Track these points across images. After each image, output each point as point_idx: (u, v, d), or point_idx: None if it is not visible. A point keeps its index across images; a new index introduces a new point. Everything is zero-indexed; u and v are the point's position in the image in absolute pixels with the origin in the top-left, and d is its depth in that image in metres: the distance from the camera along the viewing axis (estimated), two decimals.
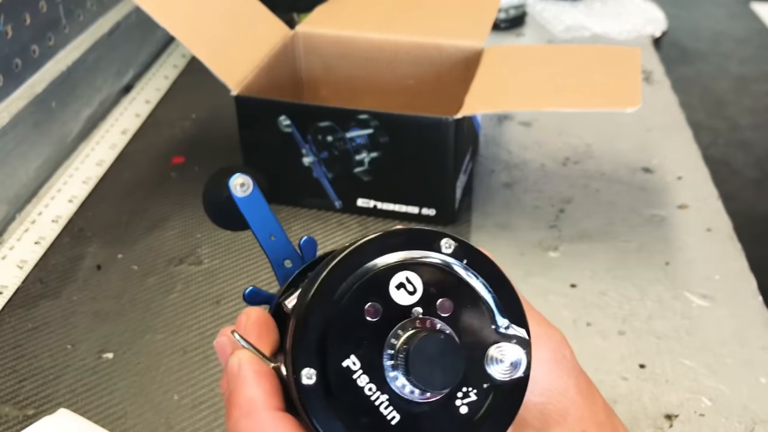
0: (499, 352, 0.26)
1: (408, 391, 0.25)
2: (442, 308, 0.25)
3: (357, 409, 0.25)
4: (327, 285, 0.25)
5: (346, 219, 0.68)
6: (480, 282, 0.26)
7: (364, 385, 0.25)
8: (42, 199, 0.71)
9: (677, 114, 0.86)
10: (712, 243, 0.65)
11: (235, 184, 0.28)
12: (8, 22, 0.69)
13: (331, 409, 0.25)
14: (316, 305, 0.25)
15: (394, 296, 0.25)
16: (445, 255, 0.26)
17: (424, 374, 0.24)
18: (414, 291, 0.25)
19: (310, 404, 0.25)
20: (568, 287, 0.60)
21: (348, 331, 0.25)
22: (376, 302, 0.25)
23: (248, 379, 0.27)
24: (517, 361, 0.26)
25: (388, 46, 0.74)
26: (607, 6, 1.12)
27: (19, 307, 0.59)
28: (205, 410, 0.51)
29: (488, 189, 0.72)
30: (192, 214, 0.70)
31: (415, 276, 0.25)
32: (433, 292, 0.25)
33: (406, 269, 0.25)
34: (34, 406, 0.51)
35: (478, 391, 0.25)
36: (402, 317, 0.25)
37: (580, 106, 0.62)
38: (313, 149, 0.66)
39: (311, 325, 0.25)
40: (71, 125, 0.79)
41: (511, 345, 0.26)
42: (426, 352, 0.24)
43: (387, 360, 0.25)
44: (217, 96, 0.86)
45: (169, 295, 0.60)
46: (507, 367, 0.26)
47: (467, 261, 0.26)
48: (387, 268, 0.25)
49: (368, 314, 0.25)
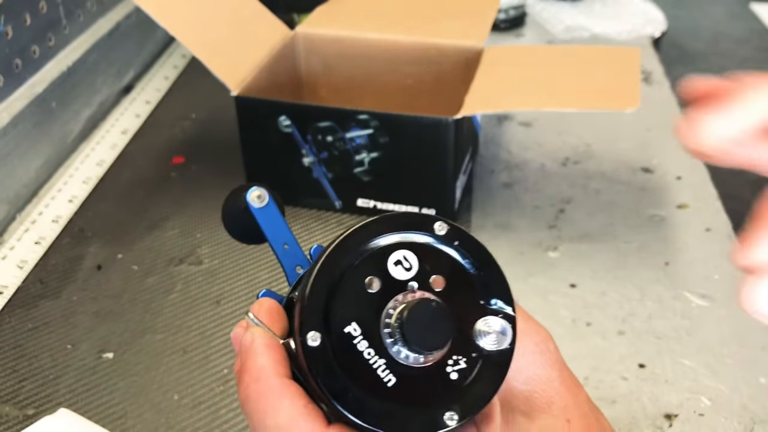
0: (486, 325, 0.28)
1: (403, 356, 0.27)
2: (435, 283, 0.28)
3: (357, 371, 0.27)
4: (332, 258, 0.28)
5: (346, 219, 0.68)
6: (469, 261, 0.29)
7: (364, 350, 0.27)
8: (42, 199, 0.71)
9: (677, 114, 0.86)
10: (711, 243, 0.65)
11: (253, 197, 0.31)
12: (8, 22, 0.69)
13: (334, 370, 0.27)
14: (322, 276, 0.27)
15: (392, 271, 0.28)
16: (438, 236, 0.29)
17: (416, 336, 0.27)
18: (410, 268, 0.28)
19: (314, 365, 0.27)
20: (568, 287, 0.60)
21: (349, 300, 0.27)
22: (375, 276, 0.28)
23: (259, 350, 0.29)
24: (502, 333, 0.28)
25: (388, 46, 0.74)
26: (607, 6, 1.12)
27: (19, 307, 0.59)
28: (204, 410, 0.51)
29: (488, 189, 0.72)
30: (192, 214, 0.70)
31: (412, 254, 0.28)
32: (427, 269, 0.28)
33: (403, 248, 0.28)
34: (34, 406, 0.51)
35: (467, 360, 0.28)
36: (399, 290, 0.28)
37: (580, 107, 0.62)
38: (313, 149, 0.66)
39: (317, 293, 0.27)
40: (71, 125, 0.79)
41: (497, 318, 0.29)
42: (418, 317, 0.27)
43: (384, 328, 0.27)
44: (217, 96, 0.86)
45: (169, 295, 0.60)
46: (493, 338, 0.28)
47: (458, 243, 0.29)
48: (386, 247, 0.28)
49: (368, 287, 0.28)
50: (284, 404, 0.28)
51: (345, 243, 0.28)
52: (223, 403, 0.51)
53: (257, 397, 0.29)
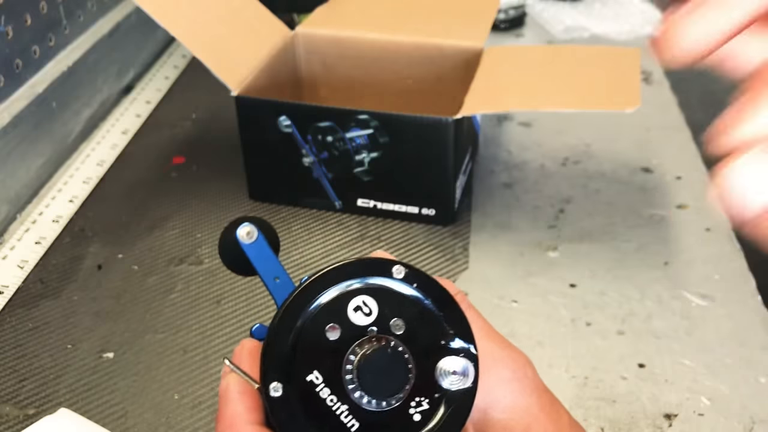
0: (447, 365, 0.29)
1: (365, 401, 0.28)
2: (395, 327, 0.29)
3: (320, 418, 0.28)
4: (291, 310, 0.28)
5: (345, 219, 0.68)
6: (429, 303, 0.29)
7: (326, 397, 0.28)
8: (43, 199, 0.71)
9: (676, 114, 0.86)
10: (711, 243, 0.65)
11: (242, 233, 0.31)
12: (9, 22, 0.69)
13: (297, 418, 0.28)
14: (282, 327, 0.28)
15: (351, 318, 0.28)
16: (397, 280, 0.29)
17: (371, 383, 0.28)
18: (369, 313, 0.29)
19: (277, 413, 0.28)
20: (568, 287, 0.60)
21: (311, 349, 0.28)
22: (336, 323, 0.28)
23: (232, 397, 0.31)
24: (464, 372, 0.29)
25: (388, 46, 0.74)
26: (607, 7, 1.12)
27: (19, 307, 0.59)
28: (205, 410, 0.51)
29: (488, 189, 0.72)
30: (192, 214, 0.70)
31: (371, 299, 0.29)
32: (387, 313, 0.29)
33: (362, 294, 0.29)
34: (34, 405, 0.51)
35: (430, 401, 0.28)
36: (359, 336, 0.28)
37: (580, 107, 0.62)
38: (313, 149, 0.66)
39: (277, 344, 0.28)
40: (72, 125, 0.79)
41: (459, 358, 0.29)
42: (373, 363, 0.27)
43: (346, 374, 0.28)
44: (218, 96, 0.86)
45: (169, 294, 0.60)
46: (455, 378, 0.29)
47: (417, 285, 0.29)
48: (344, 294, 0.29)
49: (329, 334, 0.28)
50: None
51: (304, 293, 0.29)
52: None
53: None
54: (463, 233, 0.66)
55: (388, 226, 0.67)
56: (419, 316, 0.29)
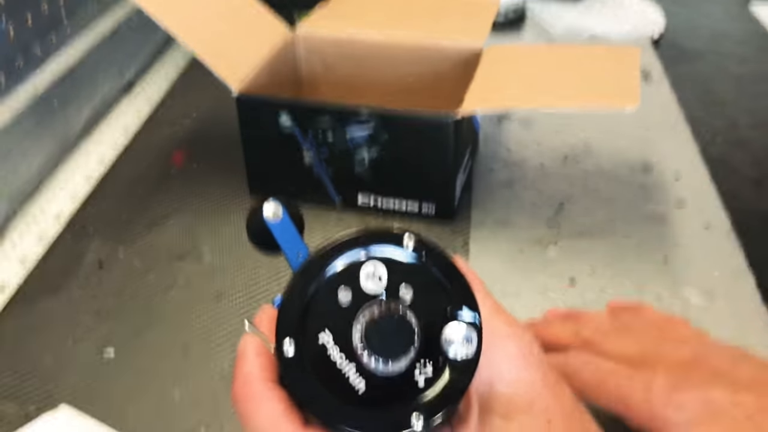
0: (451, 333, 0.30)
1: (373, 363, 0.29)
2: (404, 294, 0.30)
3: (328, 377, 0.29)
4: (305, 275, 0.30)
5: (346, 216, 0.69)
6: (437, 272, 0.31)
7: (336, 357, 0.29)
8: (44, 196, 0.72)
9: (676, 113, 0.86)
10: (710, 240, 0.65)
11: (268, 212, 0.33)
12: (10, 21, 0.69)
13: (307, 376, 0.29)
14: (296, 291, 0.30)
15: (363, 284, 0.30)
16: (407, 249, 0.31)
17: (379, 345, 0.29)
18: (381, 279, 0.30)
19: (289, 371, 0.29)
20: (567, 283, 0.61)
21: (323, 311, 0.30)
22: (348, 288, 0.30)
23: (248, 357, 0.32)
24: (468, 340, 0.30)
25: (388, 46, 0.74)
26: (607, 6, 1.12)
27: (20, 304, 0.60)
28: (206, 405, 0.51)
29: (488, 187, 0.73)
30: (193, 212, 0.70)
31: (382, 267, 0.30)
32: (396, 280, 0.30)
33: (373, 261, 0.30)
34: (35, 402, 0.51)
35: (434, 367, 0.30)
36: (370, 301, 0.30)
37: (579, 105, 0.62)
38: (313, 147, 0.66)
39: (292, 306, 0.30)
40: (73, 123, 0.79)
41: (463, 326, 0.30)
42: (381, 326, 0.29)
43: (355, 335, 0.29)
44: (219, 94, 0.86)
45: (170, 291, 0.61)
46: (459, 345, 0.30)
47: (426, 254, 0.30)
48: (356, 261, 0.30)
49: (340, 298, 0.30)
50: (265, 407, 0.31)
51: (319, 258, 0.31)
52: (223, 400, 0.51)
53: (243, 400, 0.31)
54: (463, 230, 0.66)
55: (388, 223, 0.68)
56: (427, 285, 0.30)
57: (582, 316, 0.50)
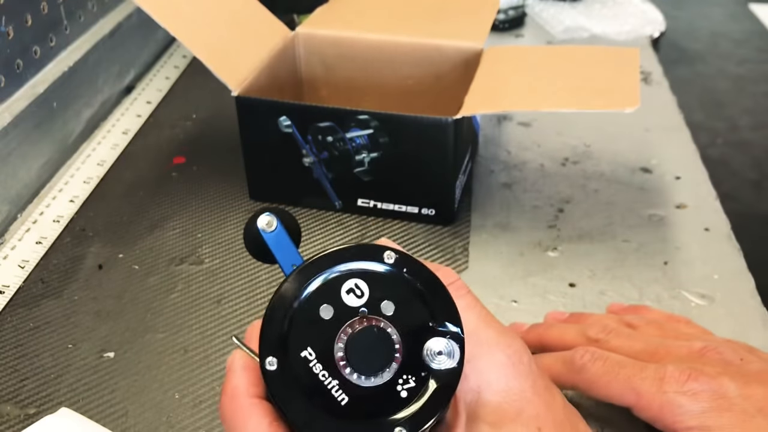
0: (434, 345, 0.30)
1: (355, 377, 0.30)
2: (385, 309, 0.30)
3: (312, 392, 0.30)
4: (288, 290, 0.31)
5: (346, 219, 0.69)
6: (419, 287, 0.31)
7: (319, 372, 0.30)
8: (43, 199, 0.71)
9: (676, 114, 0.86)
10: (710, 243, 0.65)
11: (263, 223, 0.33)
12: (9, 23, 0.69)
13: (291, 391, 0.30)
14: (279, 306, 0.31)
15: (344, 299, 0.31)
16: (387, 264, 0.31)
17: (359, 361, 0.30)
18: (362, 295, 0.30)
19: (272, 386, 0.30)
20: (567, 287, 0.61)
21: (305, 327, 0.30)
22: (329, 304, 0.30)
23: (236, 372, 0.33)
24: (450, 353, 0.30)
25: (387, 47, 0.74)
26: (606, 7, 1.12)
27: (20, 307, 0.60)
28: (205, 409, 0.51)
29: (487, 189, 0.73)
30: (193, 214, 0.70)
31: (363, 282, 0.31)
32: (377, 295, 0.31)
33: (354, 277, 0.31)
34: (35, 405, 0.51)
35: (417, 379, 0.30)
36: (351, 316, 0.30)
37: (579, 107, 0.62)
38: (313, 149, 0.66)
39: (274, 322, 0.30)
40: (73, 125, 0.79)
41: (445, 339, 0.30)
42: (361, 342, 0.29)
43: (338, 351, 0.30)
44: (218, 96, 0.86)
45: (170, 294, 0.61)
46: (442, 358, 0.30)
47: (407, 269, 0.31)
48: (338, 277, 0.31)
49: (322, 314, 0.30)
50: (252, 421, 0.31)
51: (300, 275, 0.31)
52: None
53: (230, 415, 0.32)
54: (462, 233, 0.66)
55: (388, 226, 0.68)
56: (408, 299, 0.30)
57: (585, 317, 0.50)
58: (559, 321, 0.51)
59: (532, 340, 0.48)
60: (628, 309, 0.53)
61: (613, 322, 0.47)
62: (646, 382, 0.40)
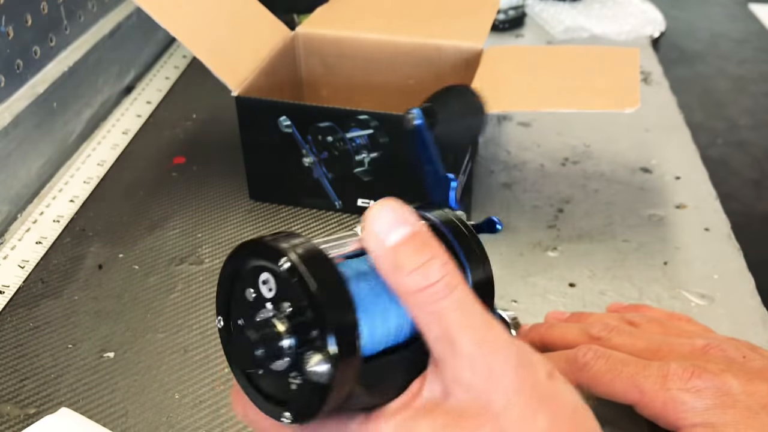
0: (310, 359, 0.30)
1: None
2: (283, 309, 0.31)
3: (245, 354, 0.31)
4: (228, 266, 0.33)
5: (346, 219, 0.69)
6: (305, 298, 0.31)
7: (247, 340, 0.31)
8: (43, 199, 0.71)
9: (676, 114, 0.86)
10: (710, 243, 0.65)
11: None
12: (10, 23, 0.69)
13: (232, 347, 0.33)
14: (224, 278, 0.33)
15: (261, 288, 0.32)
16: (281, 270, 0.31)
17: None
18: (271, 289, 0.31)
19: (223, 340, 0.34)
20: (567, 287, 0.61)
21: (239, 300, 0.33)
22: (252, 288, 0.32)
23: None
24: (319, 370, 0.30)
25: (387, 47, 0.74)
26: (606, 7, 1.12)
27: (20, 307, 0.60)
28: (205, 409, 0.51)
29: (487, 189, 0.73)
30: (193, 214, 0.70)
31: (272, 278, 0.31)
32: (280, 294, 0.31)
33: (267, 271, 0.31)
34: (35, 405, 0.51)
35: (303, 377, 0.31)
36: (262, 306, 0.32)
37: (579, 107, 0.62)
38: (313, 149, 0.66)
39: (223, 285, 0.33)
40: (73, 125, 0.79)
41: (318, 355, 0.30)
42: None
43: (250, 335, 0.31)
44: (218, 97, 0.86)
45: (170, 294, 0.61)
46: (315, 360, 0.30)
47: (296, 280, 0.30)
48: (256, 266, 0.32)
49: (247, 294, 0.32)
50: None
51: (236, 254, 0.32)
52: (223, 402, 0.51)
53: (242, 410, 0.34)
54: None
55: None
56: (299, 306, 0.31)
57: (586, 316, 0.50)
58: (560, 320, 0.51)
59: (534, 340, 0.48)
60: (628, 308, 0.53)
61: (614, 320, 0.47)
62: (650, 379, 0.40)
